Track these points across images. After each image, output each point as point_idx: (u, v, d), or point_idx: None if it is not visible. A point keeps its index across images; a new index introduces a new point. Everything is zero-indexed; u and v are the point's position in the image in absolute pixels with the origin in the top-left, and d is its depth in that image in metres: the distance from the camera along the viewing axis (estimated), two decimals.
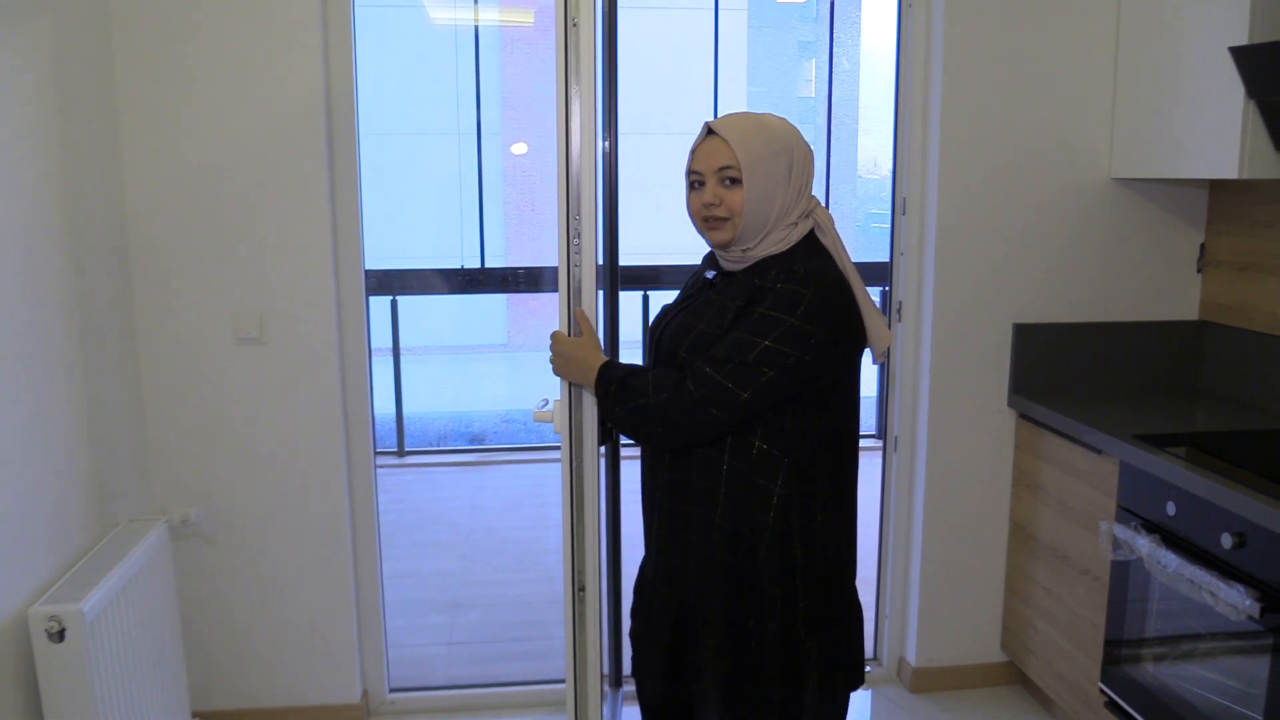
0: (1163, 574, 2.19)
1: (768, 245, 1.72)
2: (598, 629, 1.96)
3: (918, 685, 3.04)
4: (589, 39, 1.77)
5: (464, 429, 7.41)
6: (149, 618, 2.30)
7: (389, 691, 2.98)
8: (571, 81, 1.78)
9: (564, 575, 1.93)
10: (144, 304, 2.59)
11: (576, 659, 1.95)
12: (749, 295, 1.68)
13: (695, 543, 1.75)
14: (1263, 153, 2.30)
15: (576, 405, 1.86)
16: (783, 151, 1.69)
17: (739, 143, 1.68)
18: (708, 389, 1.64)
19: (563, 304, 1.85)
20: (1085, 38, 2.77)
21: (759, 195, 1.68)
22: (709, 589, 1.75)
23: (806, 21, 13.70)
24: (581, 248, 1.82)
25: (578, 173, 1.80)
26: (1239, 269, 2.79)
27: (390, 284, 5.50)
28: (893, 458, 3.04)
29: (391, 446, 5.76)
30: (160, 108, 2.51)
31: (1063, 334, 2.88)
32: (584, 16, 1.77)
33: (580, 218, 1.81)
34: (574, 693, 1.96)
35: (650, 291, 5.23)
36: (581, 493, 1.90)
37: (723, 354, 1.64)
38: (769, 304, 1.64)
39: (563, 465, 1.89)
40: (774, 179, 1.69)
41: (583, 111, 1.79)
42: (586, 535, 1.91)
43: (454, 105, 9.36)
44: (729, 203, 1.69)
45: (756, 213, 1.68)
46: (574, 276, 1.84)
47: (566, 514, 1.90)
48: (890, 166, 2.96)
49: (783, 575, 1.72)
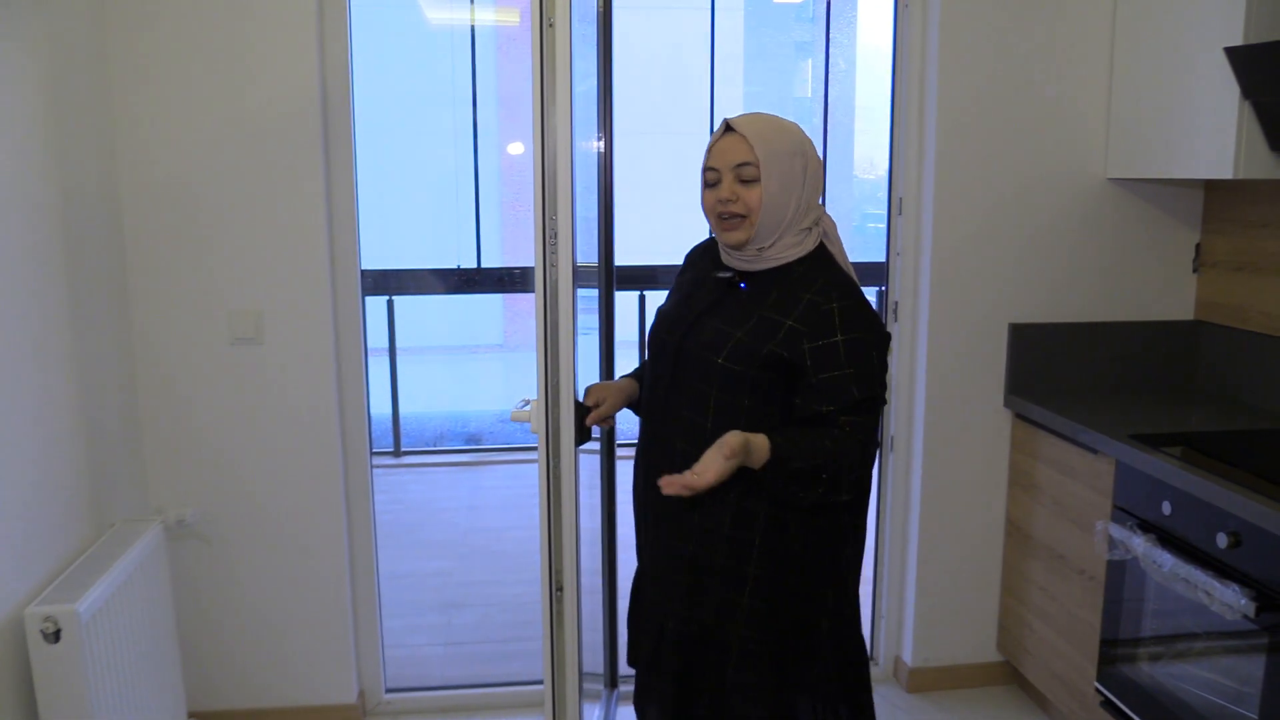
0: (1158, 573, 2.20)
1: (781, 249, 1.71)
2: (575, 629, 1.95)
3: (914, 685, 3.04)
4: (565, 39, 1.77)
5: (460, 429, 7.40)
6: (144, 618, 2.29)
7: (385, 692, 2.98)
8: (547, 81, 1.78)
9: (541, 575, 1.92)
10: (139, 304, 2.59)
11: (555, 659, 1.94)
12: (801, 310, 1.67)
13: (724, 557, 1.73)
14: (1258, 153, 2.30)
15: (553, 405, 1.85)
16: (799, 153, 1.69)
17: (758, 139, 1.67)
18: (869, 434, 1.67)
19: (539, 304, 1.83)
20: (1081, 38, 2.77)
21: (776, 192, 1.67)
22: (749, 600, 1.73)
23: (803, 21, 13.70)
24: (558, 247, 1.82)
25: (553, 172, 1.80)
26: (1234, 269, 2.79)
27: (386, 284, 5.49)
28: (889, 458, 3.04)
29: (388, 446, 5.75)
30: (155, 108, 2.51)
31: (1059, 334, 2.89)
32: (560, 17, 1.77)
33: (557, 217, 1.81)
34: (552, 692, 1.96)
35: (646, 291, 5.22)
36: (559, 492, 1.89)
37: (861, 394, 1.65)
38: (842, 324, 1.65)
39: (539, 465, 1.88)
40: (791, 178, 1.68)
41: (559, 111, 1.79)
42: (564, 535, 1.91)
43: (450, 105, 9.34)
44: (746, 199, 1.68)
45: (773, 211, 1.68)
46: (550, 276, 1.83)
47: (543, 514, 1.90)
48: (886, 167, 2.96)
49: (834, 574, 1.74)
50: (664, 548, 1.81)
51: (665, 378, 1.79)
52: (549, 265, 1.82)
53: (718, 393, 1.70)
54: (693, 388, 1.73)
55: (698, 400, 1.72)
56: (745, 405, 1.69)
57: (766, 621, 1.72)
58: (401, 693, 3.00)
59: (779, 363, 1.66)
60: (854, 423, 1.64)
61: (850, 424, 1.63)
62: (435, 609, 3.72)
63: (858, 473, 1.65)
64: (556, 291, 1.82)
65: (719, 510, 1.71)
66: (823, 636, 1.74)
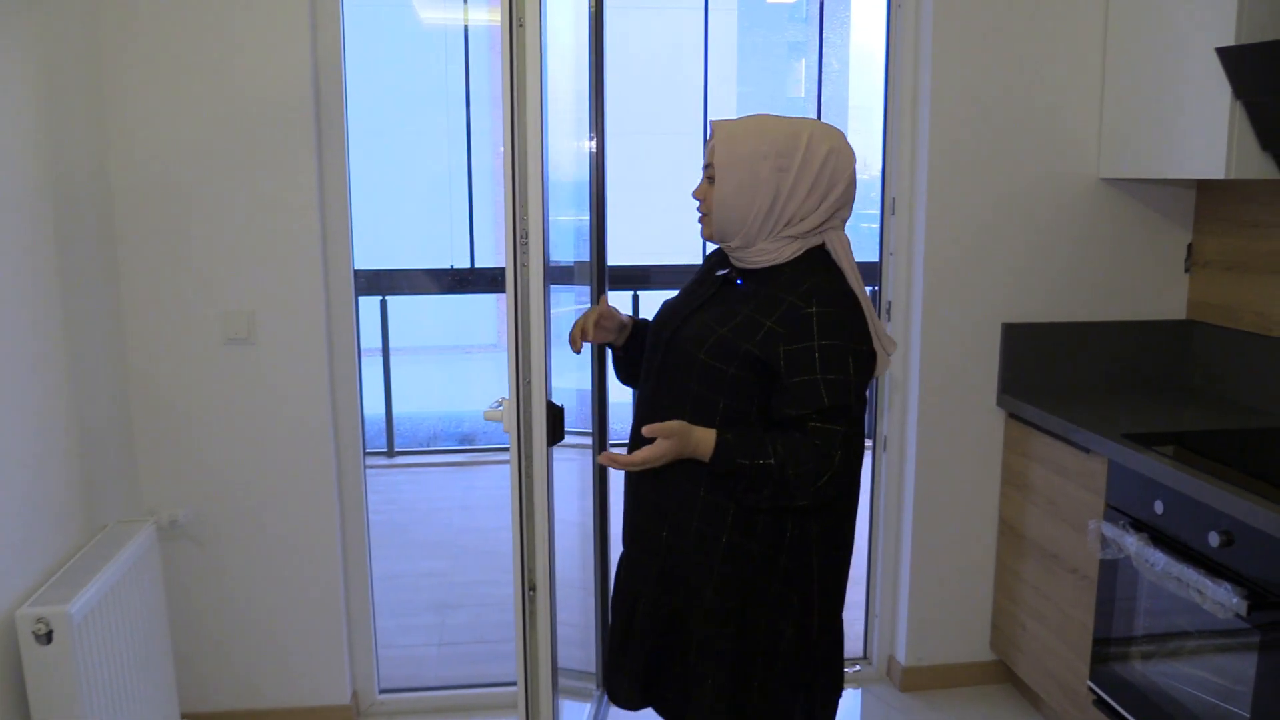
0: (1151, 572, 2.20)
1: (758, 252, 1.72)
2: (549, 628, 1.95)
3: (907, 684, 3.05)
4: (535, 39, 1.78)
5: (454, 429, 7.39)
6: (137, 619, 2.29)
7: (379, 692, 2.97)
8: (517, 82, 1.79)
9: (514, 575, 1.92)
10: (132, 304, 2.58)
11: (527, 658, 1.94)
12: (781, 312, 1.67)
13: (693, 549, 1.74)
14: (1249, 153, 2.31)
15: (525, 405, 1.86)
16: (771, 155, 1.67)
17: (721, 141, 1.72)
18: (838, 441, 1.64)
19: (510, 304, 1.83)
20: (1074, 40, 2.78)
21: (729, 193, 1.70)
22: (713, 595, 1.74)
23: (796, 22, 13.72)
24: (529, 248, 1.82)
25: (524, 173, 1.80)
26: (1226, 269, 2.80)
27: (380, 284, 5.48)
28: (882, 457, 3.05)
29: (381, 447, 5.74)
30: (147, 107, 2.50)
31: (1051, 333, 2.89)
32: (529, 17, 1.78)
33: (528, 218, 1.81)
34: (525, 692, 1.96)
35: (640, 291, 5.22)
36: (531, 491, 1.89)
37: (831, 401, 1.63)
38: (820, 329, 1.64)
39: (511, 464, 1.88)
40: (752, 181, 1.68)
41: (529, 112, 1.79)
42: (537, 534, 1.91)
43: (444, 105, 9.33)
44: (707, 198, 1.75)
45: (726, 210, 1.71)
46: (521, 278, 1.83)
47: (515, 513, 1.90)
48: (879, 166, 2.96)
49: (801, 580, 1.74)
50: (640, 531, 1.85)
51: (654, 369, 1.81)
52: (520, 265, 1.82)
53: (697, 387, 1.71)
54: (676, 381, 1.75)
55: (679, 394, 1.74)
56: (722, 405, 1.69)
57: (729, 619, 1.74)
58: (395, 693, 3.00)
59: (755, 362, 1.67)
60: (820, 430, 1.62)
61: (817, 430, 1.62)
62: (428, 609, 3.71)
63: (818, 481, 1.61)
64: (528, 292, 1.83)
65: (689, 503, 1.73)
66: (784, 643, 1.75)
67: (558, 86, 2.69)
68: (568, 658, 2.88)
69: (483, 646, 3.42)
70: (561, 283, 2.80)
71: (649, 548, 1.82)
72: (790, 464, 1.60)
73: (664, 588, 1.79)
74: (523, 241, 1.82)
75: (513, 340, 1.86)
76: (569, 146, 2.78)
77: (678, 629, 1.79)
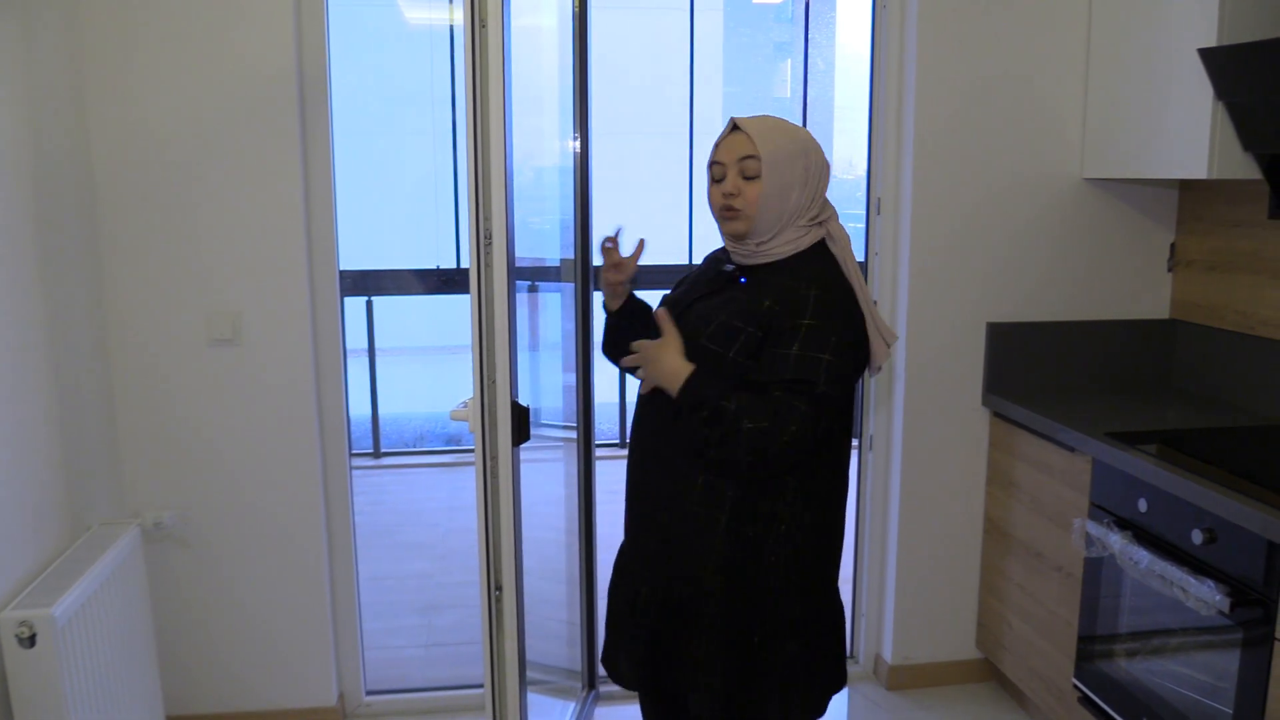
0: (1135, 570, 2.21)
1: (780, 244, 1.77)
2: (515, 628, 1.95)
3: (894, 683, 3.06)
4: (497, 39, 1.79)
5: (440, 430, 7.38)
6: (122, 622, 2.27)
7: (365, 694, 2.96)
8: (480, 83, 1.79)
9: (480, 576, 1.92)
10: (116, 304, 2.56)
11: (494, 659, 1.94)
12: (782, 294, 1.72)
13: (692, 532, 1.77)
14: (1231, 153, 2.33)
15: (490, 405, 1.86)
16: (800, 154, 1.75)
17: (761, 137, 1.73)
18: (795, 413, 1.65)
19: (474, 305, 1.83)
20: (1057, 40, 2.79)
21: (774, 190, 1.73)
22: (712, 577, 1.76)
23: (782, 22, 13.75)
24: (493, 249, 1.82)
25: (488, 175, 1.80)
26: (1208, 268, 2.82)
27: (365, 285, 5.46)
28: (868, 457, 3.05)
29: (367, 448, 5.72)
30: (130, 103, 2.49)
31: (1036, 333, 2.91)
32: (492, 16, 1.78)
33: (491, 219, 1.81)
34: (492, 693, 1.96)
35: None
36: (496, 491, 1.89)
37: (795, 374, 1.65)
38: (813, 310, 1.68)
39: (476, 464, 1.88)
40: (791, 177, 1.74)
41: (491, 113, 1.79)
42: (503, 534, 1.91)
43: (429, 105, 9.30)
44: (746, 195, 1.74)
45: (771, 207, 1.73)
46: (485, 278, 1.83)
47: (480, 513, 1.90)
48: (865, 167, 2.97)
49: (798, 565, 1.76)
50: (641, 517, 1.88)
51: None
52: (484, 266, 1.82)
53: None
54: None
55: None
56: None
57: (731, 602, 1.76)
58: (381, 695, 2.99)
59: (756, 346, 1.70)
60: (780, 399, 1.65)
61: (778, 399, 1.65)
62: (415, 610, 3.70)
63: (764, 443, 1.63)
64: (492, 293, 1.83)
65: (688, 488, 1.76)
66: (784, 625, 1.78)
67: (543, 87, 2.68)
68: (554, 655, 2.87)
69: (469, 648, 3.41)
70: (550, 280, 2.80)
71: (650, 532, 1.85)
72: (745, 417, 1.64)
73: (665, 571, 1.82)
74: (486, 242, 1.82)
75: (476, 340, 1.87)
76: (554, 146, 2.78)
77: (679, 611, 1.80)
